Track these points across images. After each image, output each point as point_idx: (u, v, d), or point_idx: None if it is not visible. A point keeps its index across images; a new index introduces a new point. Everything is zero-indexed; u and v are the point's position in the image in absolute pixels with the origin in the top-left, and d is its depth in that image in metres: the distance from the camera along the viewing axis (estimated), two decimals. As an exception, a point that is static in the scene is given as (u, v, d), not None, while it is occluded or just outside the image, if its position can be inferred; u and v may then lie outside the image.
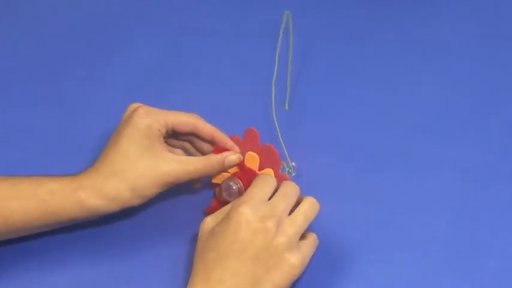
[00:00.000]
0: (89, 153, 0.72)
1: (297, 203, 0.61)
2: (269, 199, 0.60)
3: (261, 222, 0.57)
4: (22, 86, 0.82)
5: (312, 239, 0.60)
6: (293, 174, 0.68)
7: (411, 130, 0.74)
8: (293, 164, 0.68)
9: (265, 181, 0.61)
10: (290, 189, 0.61)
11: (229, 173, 0.67)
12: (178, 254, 0.66)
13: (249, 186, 0.64)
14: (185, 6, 0.91)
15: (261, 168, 0.66)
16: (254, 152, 0.66)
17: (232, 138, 0.68)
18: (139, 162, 0.62)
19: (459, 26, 0.85)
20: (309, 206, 0.60)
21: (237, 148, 0.67)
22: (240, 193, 0.65)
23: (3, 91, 0.81)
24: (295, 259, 0.58)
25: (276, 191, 0.62)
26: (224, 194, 0.66)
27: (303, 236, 0.60)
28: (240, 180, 0.66)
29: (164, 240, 0.67)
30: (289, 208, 0.60)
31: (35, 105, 0.79)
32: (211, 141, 0.67)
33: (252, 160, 0.67)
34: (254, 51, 0.84)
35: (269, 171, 0.66)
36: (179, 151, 0.69)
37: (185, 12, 0.90)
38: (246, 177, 0.66)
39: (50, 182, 0.62)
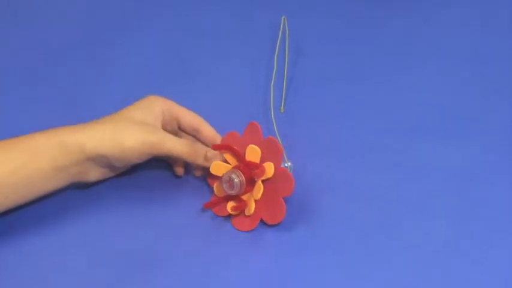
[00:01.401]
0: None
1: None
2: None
3: None
4: (22, 86, 0.82)
5: None
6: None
7: (411, 130, 0.75)
8: (290, 164, 0.68)
9: None
10: None
11: (229, 164, 0.67)
12: (176, 253, 0.66)
13: (250, 179, 0.64)
14: (185, 6, 0.91)
15: (262, 161, 0.66)
16: (256, 145, 0.66)
17: (230, 134, 0.68)
18: (131, 118, 0.64)
19: (459, 26, 0.85)
20: None
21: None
22: (242, 186, 0.65)
23: (3, 91, 0.81)
24: None
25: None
26: (224, 186, 0.65)
27: None
28: (241, 173, 0.65)
29: (160, 237, 0.67)
30: None
31: (35, 105, 0.79)
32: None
33: (254, 153, 0.66)
34: (253, 51, 0.84)
35: (270, 164, 0.65)
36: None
37: (185, 12, 0.90)
38: (248, 170, 0.66)
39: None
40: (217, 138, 0.69)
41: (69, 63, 0.84)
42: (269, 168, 0.65)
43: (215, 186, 0.68)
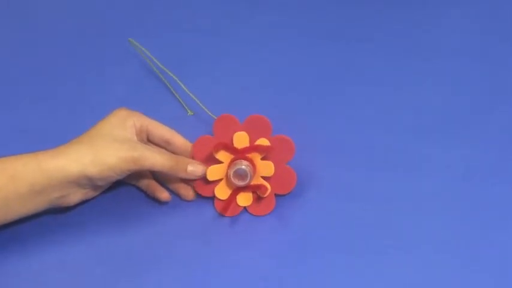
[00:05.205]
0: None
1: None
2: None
3: None
4: (22, 86, 0.82)
5: None
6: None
7: (411, 130, 0.75)
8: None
9: None
10: None
11: (222, 162, 0.67)
12: (176, 252, 0.66)
13: (253, 164, 0.65)
14: (186, 6, 0.91)
15: (252, 141, 0.66)
16: (238, 131, 0.66)
17: (201, 139, 0.68)
18: (108, 135, 0.64)
19: (459, 26, 0.85)
20: None
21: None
22: (254, 173, 0.65)
23: (3, 91, 0.81)
24: None
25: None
26: (236, 180, 0.65)
27: None
28: (246, 161, 0.65)
29: (160, 236, 0.67)
30: None
31: (35, 105, 0.79)
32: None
33: (241, 139, 0.66)
34: (253, 51, 0.84)
35: (263, 141, 0.66)
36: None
37: (185, 12, 0.90)
38: (244, 157, 0.66)
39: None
40: (189, 148, 0.68)
41: (69, 63, 0.84)
42: (265, 143, 0.66)
43: (217, 189, 0.67)
